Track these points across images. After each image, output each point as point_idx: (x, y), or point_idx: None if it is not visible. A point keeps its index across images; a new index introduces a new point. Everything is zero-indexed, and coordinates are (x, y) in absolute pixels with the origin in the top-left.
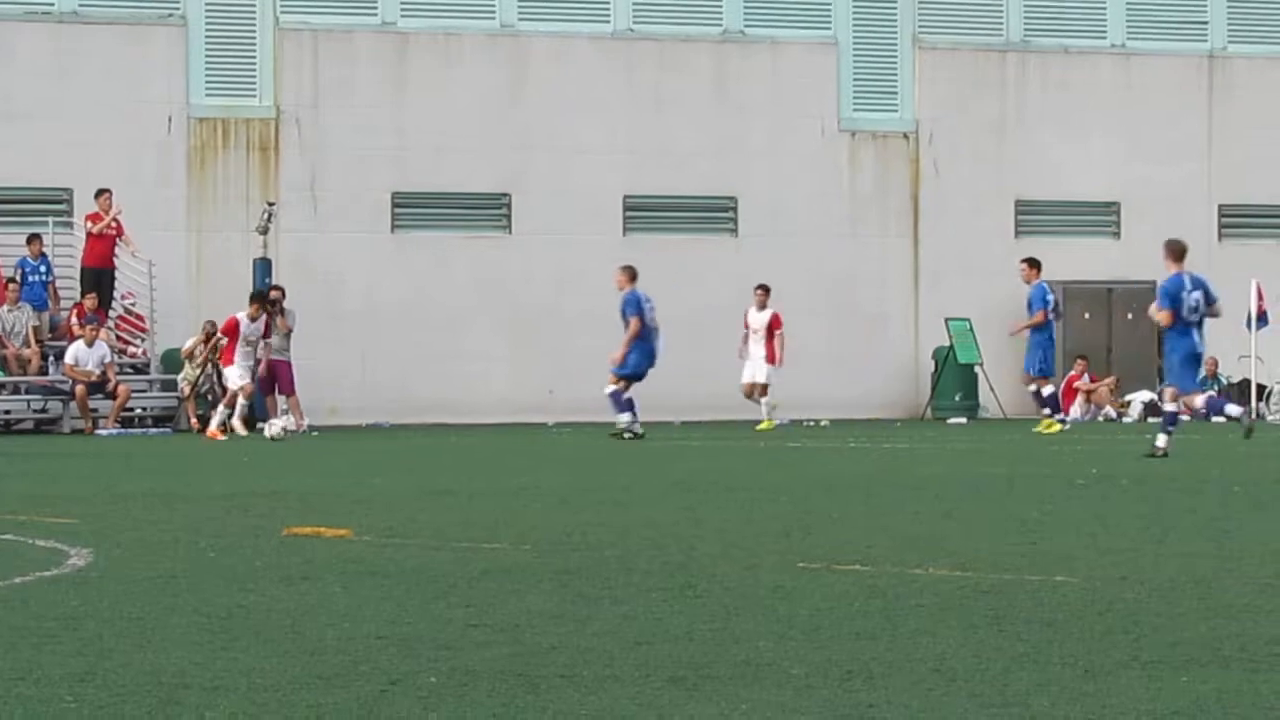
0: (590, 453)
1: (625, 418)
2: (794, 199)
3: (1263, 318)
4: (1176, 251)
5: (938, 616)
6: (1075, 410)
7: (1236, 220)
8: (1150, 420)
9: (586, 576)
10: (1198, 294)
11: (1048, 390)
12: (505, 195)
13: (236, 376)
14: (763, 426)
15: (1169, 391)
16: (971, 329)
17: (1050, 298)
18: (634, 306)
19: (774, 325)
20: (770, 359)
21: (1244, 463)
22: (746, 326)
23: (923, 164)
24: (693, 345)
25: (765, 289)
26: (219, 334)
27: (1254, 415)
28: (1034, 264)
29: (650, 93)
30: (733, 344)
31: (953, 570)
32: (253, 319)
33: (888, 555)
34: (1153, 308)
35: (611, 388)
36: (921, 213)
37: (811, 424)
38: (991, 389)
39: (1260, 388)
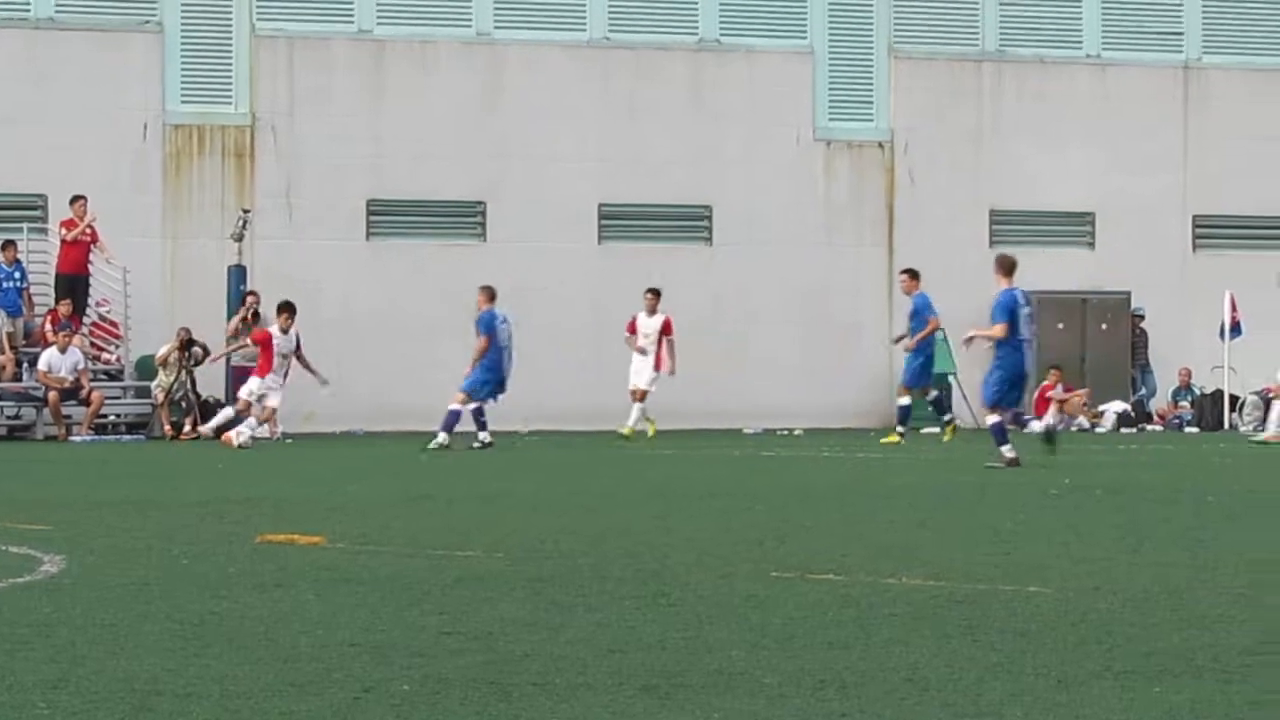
0: (564, 460)
1: (443, 437)
2: (769, 208)
3: (1235, 328)
4: (1007, 266)
5: (911, 626)
6: (1049, 419)
7: (1211, 231)
8: (1123, 430)
9: (559, 584)
10: (1029, 309)
11: (905, 401)
12: (480, 203)
13: (257, 388)
14: (626, 432)
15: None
16: (946, 339)
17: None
18: (486, 325)
19: (665, 331)
20: (658, 365)
21: (1218, 473)
22: (633, 331)
23: (898, 173)
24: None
25: (656, 293)
26: (252, 342)
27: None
28: (913, 275)
29: (625, 101)
30: (705, 354)
31: (926, 580)
32: (284, 330)
33: (861, 564)
34: (978, 329)
35: (454, 405)
36: (896, 222)
37: (785, 433)
38: (965, 399)
39: (1233, 398)
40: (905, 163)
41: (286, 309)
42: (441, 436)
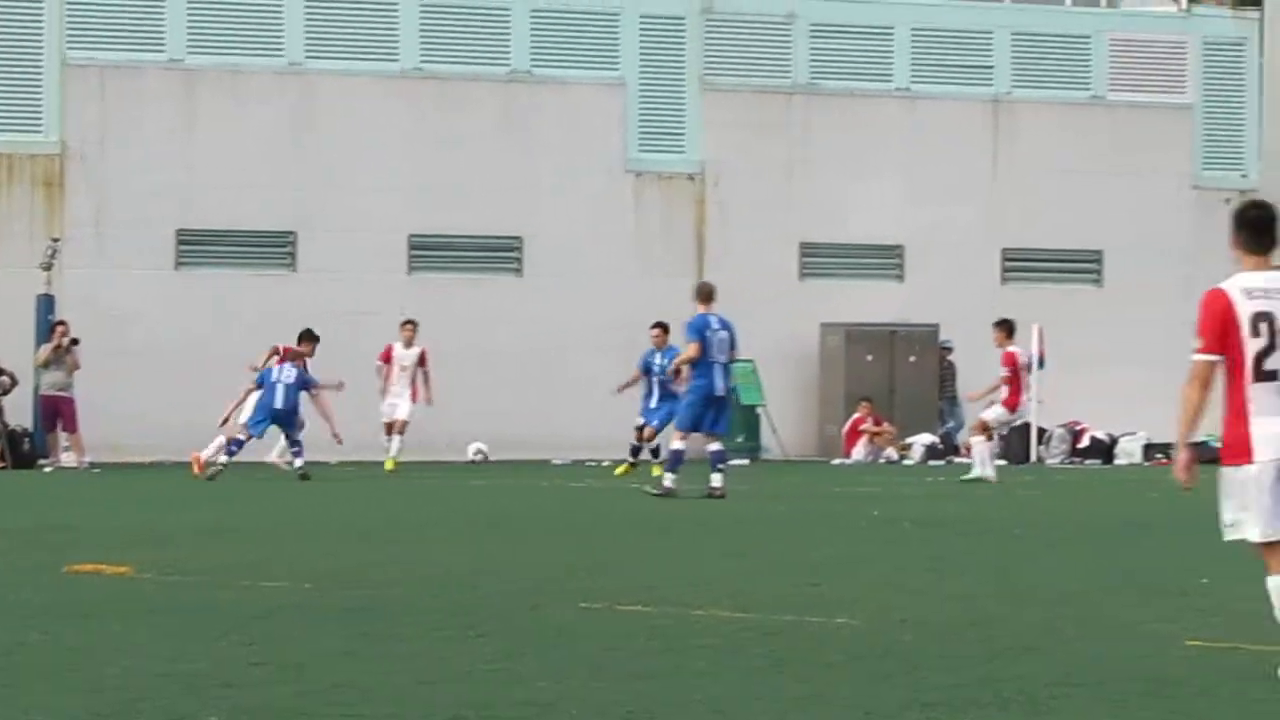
0: (373, 491)
1: (223, 459)
2: (580, 239)
3: (1040, 361)
4: (705, 292)
5: (719, 658)
6: (859, 452)
7: (1019, 264)
8: (931, 463)
9: (370, 615)
10: (725, 334)
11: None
12: (291, 233)
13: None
14: (389, 465)
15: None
16: (755, 370)
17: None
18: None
19: (421, 362)
20: (415, 397)
21: (1025, 506)
22: (387, 360)
23: (708, 205)
24: (477, 385)
25: (413, 324)
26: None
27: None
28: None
29: (436, 132)
30: (515, 384)
31: (734, 611)
32: (306, 356)
33: (670, 596)
34: (680, 358)
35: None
36: (706, 254)
37: (594, 464)
38: (774, 430)
39: (1041, 431)
40: (715, 194)
41: (309, 338)
42: (222, 459)
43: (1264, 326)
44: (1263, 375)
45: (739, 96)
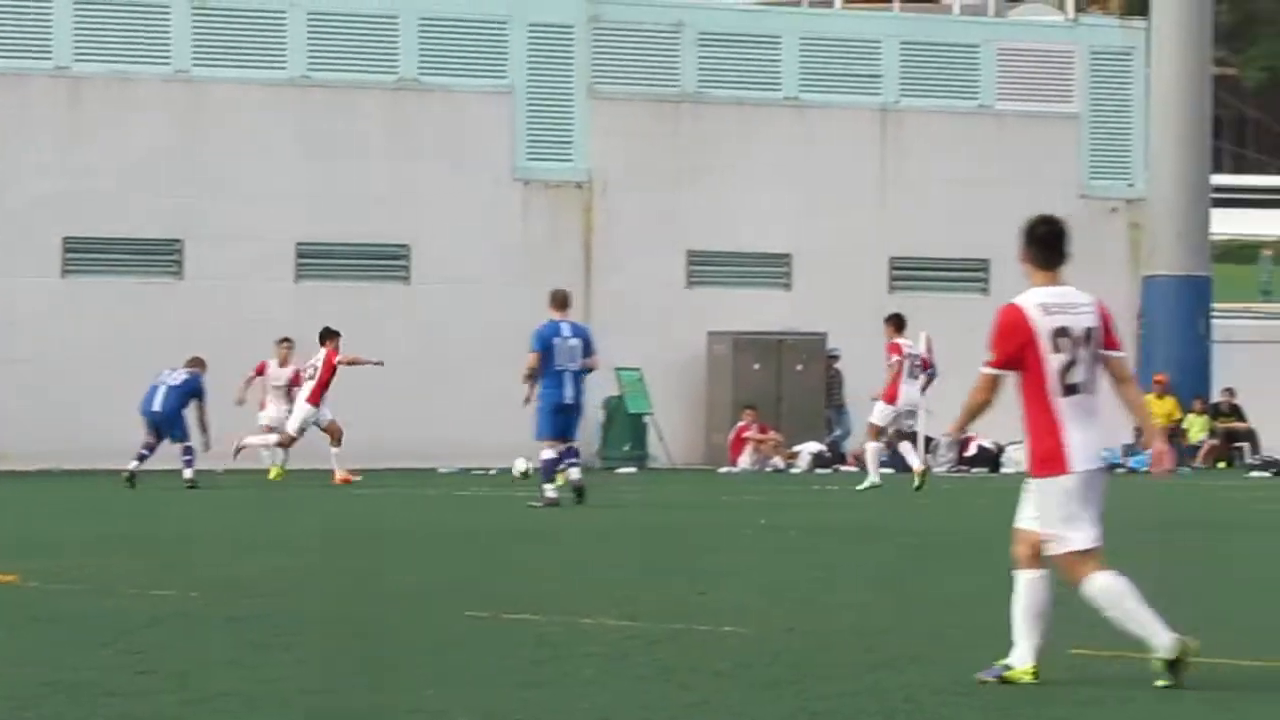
0: (261, 500)
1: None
2: (468, 247)
3: (930, 370)
4: (558, 299)
5: (606, 666)
6: (745, 460)
7: (907, 273)
8: (819, 471)
9: (257, 624)
10: (576, 341)
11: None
12: (178, 241)
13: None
14: (275, 474)
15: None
16: (642, 379)
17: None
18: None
19: (294, 382)
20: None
21: (914, 514)
22: (261, 373)
23: (596, 214)
24: (364, 393)
25: (289, 343)
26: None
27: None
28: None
29: (324, 140)
30: (402, 392)
31: (622, 620)
32: (341, 363)
33: (558, 604)
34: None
35: None
36: (594, 262)
37: (481, 473)
38: (661, 439)
39: (928, 439)
40: (603, 203)
41: (331, 336)
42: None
43: (1064, 341)
44: (1068, 389)
45: (627, 105)
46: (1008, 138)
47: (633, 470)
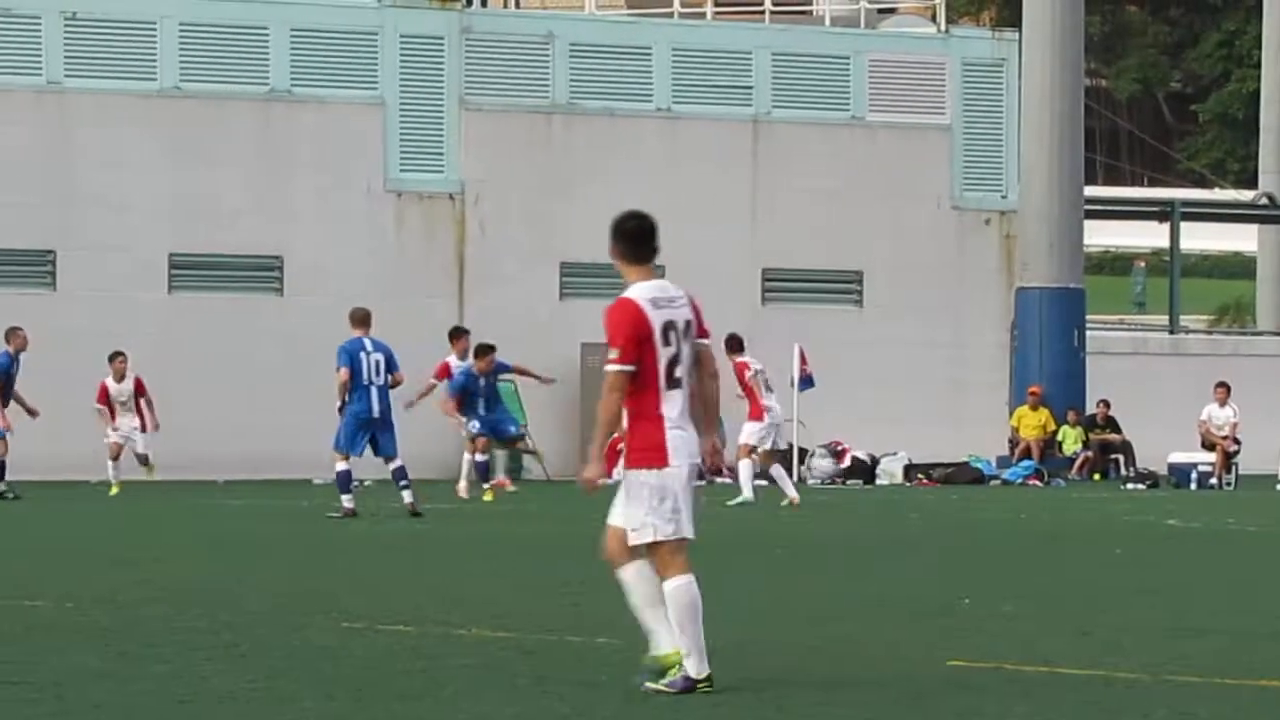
0: (137, 511)
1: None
2: (341, 259)
3: (806, 380)
4: (357, 317)
5: (481, 676)
6: (618, 471)
7: (780, 284)
8: (695, 483)
9: (130, 635)
10: (379, 357)
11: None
12: (50, 252)
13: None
14: (114, 490)
15: (337, 455)
16: (516, 391)
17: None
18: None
19: (139, 391)
20: (144, 426)
21: (788, 526)
22: (104, 398)
23: (468, 225)
24: (238, 404)
25: (124, 356)
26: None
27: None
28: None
29: (195, 151)
30: (277, 404)
31: (496, 631)
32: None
33: (432, 615)
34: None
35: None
36: (467, 273)
37: (356, 485)
38: (534, 451)
39: (803, 451)
40: (476, 214)
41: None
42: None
43: (672, 335)
44: (674, 383)
45: (499, 116)
46: (880, 149)
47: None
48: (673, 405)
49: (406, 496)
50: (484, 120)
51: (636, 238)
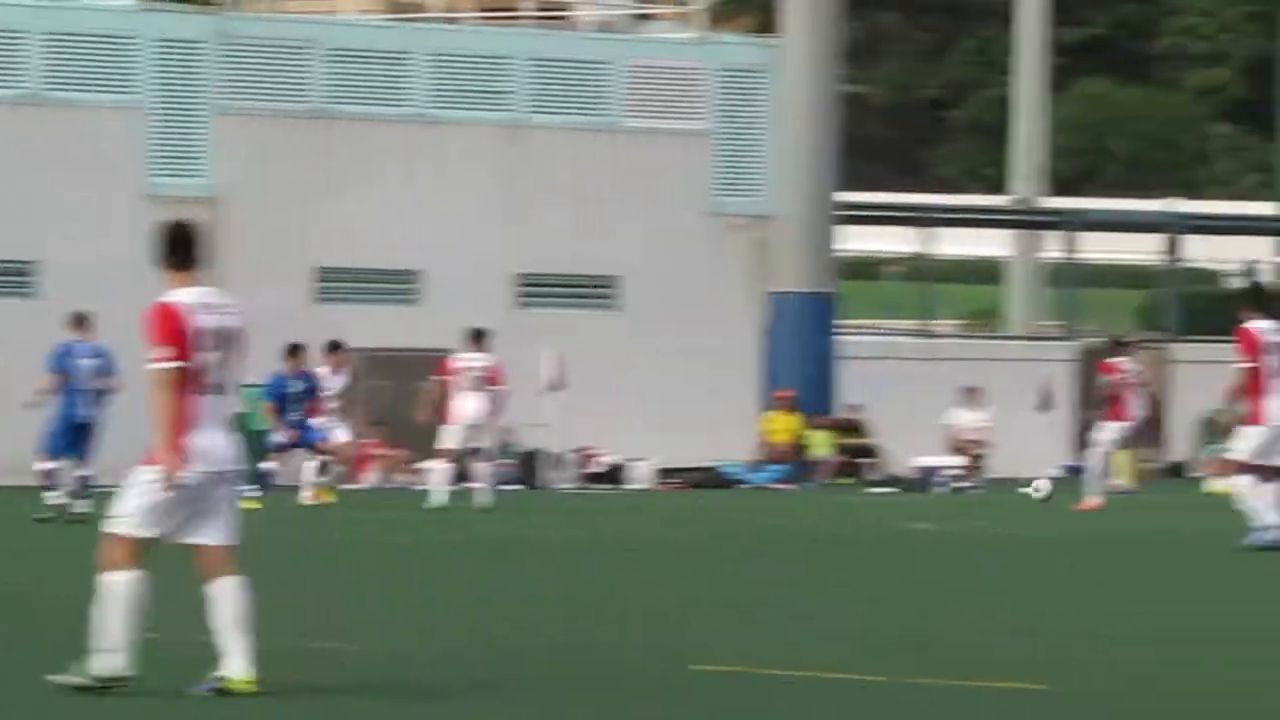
0: None
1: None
2: (95, 264)
3: (559, 384)
4: (76, 321)
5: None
6: (372, 476)
7: (534, 289)
8: (463, 485)
9: None
10: (93, 361)
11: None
12: None
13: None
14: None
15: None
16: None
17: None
18: None
19: None
20: None
21: (531, 531)
22: None
23: (223, 230)
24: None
25: None
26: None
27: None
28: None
29: None
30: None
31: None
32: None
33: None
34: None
35: None
36: (222, 278)
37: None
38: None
39: (553, 456)
40: (230, 220)
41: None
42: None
43: (211, 340)
44: (209, 388)
45: (255, 120)
46: (637, 155)
47: (257, 490)
48: (206, 410)
49: (52, 499)
50: (240, 124)
51: (180, 244)
